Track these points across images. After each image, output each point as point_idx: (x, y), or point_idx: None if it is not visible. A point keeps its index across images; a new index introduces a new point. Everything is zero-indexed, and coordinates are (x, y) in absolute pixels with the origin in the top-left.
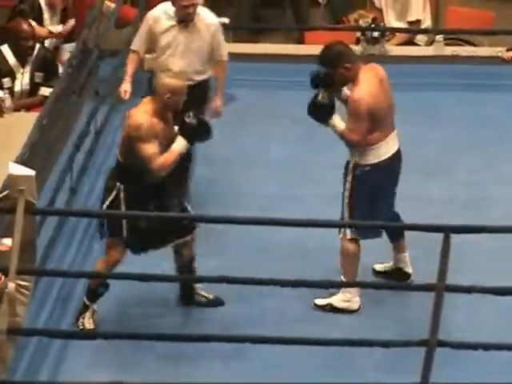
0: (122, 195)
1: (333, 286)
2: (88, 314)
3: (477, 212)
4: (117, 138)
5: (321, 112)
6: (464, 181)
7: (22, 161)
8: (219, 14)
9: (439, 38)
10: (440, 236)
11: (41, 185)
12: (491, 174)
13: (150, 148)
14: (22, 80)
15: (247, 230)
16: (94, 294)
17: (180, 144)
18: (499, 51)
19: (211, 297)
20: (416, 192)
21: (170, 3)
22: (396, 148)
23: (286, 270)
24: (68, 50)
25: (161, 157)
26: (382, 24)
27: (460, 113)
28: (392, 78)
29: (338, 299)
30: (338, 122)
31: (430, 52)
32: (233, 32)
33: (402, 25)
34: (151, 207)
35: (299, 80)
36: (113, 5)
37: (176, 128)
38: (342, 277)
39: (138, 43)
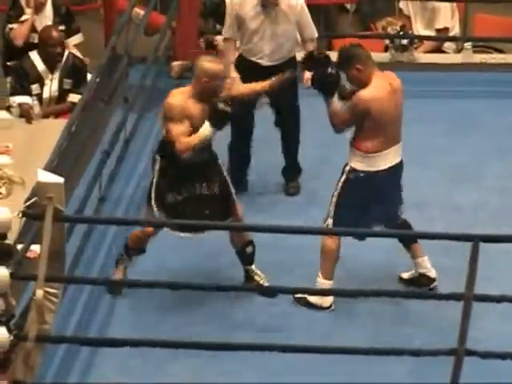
0: (156, 167)
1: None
2: (120, 267)
3: (507, 220)
4: (146, 146)
5: (327, 85)
6: (494, 188)
7: (50, 168)
8: None
9: (468, 45)
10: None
11: (69, 192)
12: None
13: (178, 128)
14: (51, 86)
15: None
16: (127, 253)
17: (206, 128)
18: None
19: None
20: (446, 200)
21: None
22: (396, 162)
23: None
24: None
25: (188, 138)
26: (411, 31)
27: (489, 120)
28: (420, 85)
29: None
30: (336, 101)
31: (458, 60)
32: None
33: (430, 32)
34: (183, 189)
35: None
36: (142, 12)
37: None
38: (319, 273)
39: (229, 30)
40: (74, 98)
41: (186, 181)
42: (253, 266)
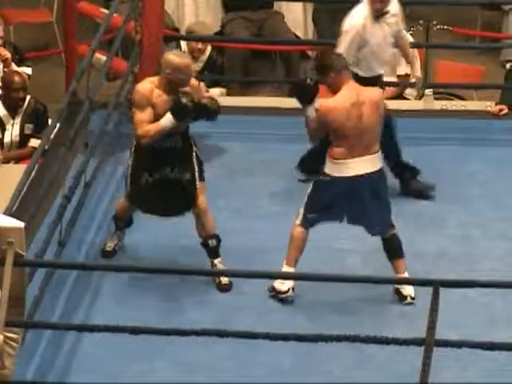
0: (132, 149)
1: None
2: (110, 238)
3: (466, 266)
4: (106, 191)
5: (303, 94)
6: (455, 235)
7: (10, 212)
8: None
9: (429, 92)
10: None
11: (30, 237)
12: (479, 229)
13: (140, 114)
14: (12, 131)
15: None
16: (115, 224)
17: (167, 118)
18: (488, 105)
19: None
20: (408, 246)
21: (360, 7)
22: (363, 172)
23: None
24: None
25: (147, 126)
26: None
27: (451, 167)
28: None
29: (277, 281)
30: (311, 110)
31: (419, 106)
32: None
33: (391, 78)
34: (154, 172)
35: (290, 133)
36: (103, 57)
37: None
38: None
39: (348, 55)
40: (35, 143)
41: (158, 164)
42: (217, 261)
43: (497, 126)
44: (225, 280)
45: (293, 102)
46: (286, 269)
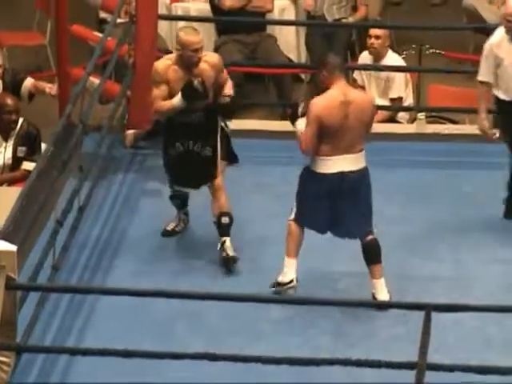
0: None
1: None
2: (174, 219)
3: (460, 290)
4: (100, 214)
5: (292, 113)
6: (447, 259)
7: (3, 236)
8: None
9: (421, 115)
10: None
11: (22, 261)
12: (473, 253)
13: (155, 90)
14: (5, 154)
15: None
16: (173, 204)
17: (177, 98)
18: None
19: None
20: (400, 269)
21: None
22: (347, 169)
23: None
24: None
25: (161, 102)
26: None
27: (443, 190)
28: (374, 155)
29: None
30: (301, 124)
31: (411, 130)
32: None
33: (384, 102)
34: (178, 144)
35: (283, 155)
36: (97, 80)
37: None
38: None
39: (486, 74)
40: (28, 165)
41: (182, 137)
42: (226, 239)
43: (489, 149)
44: (232, 252)
45: (285, 125)
46: (287, 260)
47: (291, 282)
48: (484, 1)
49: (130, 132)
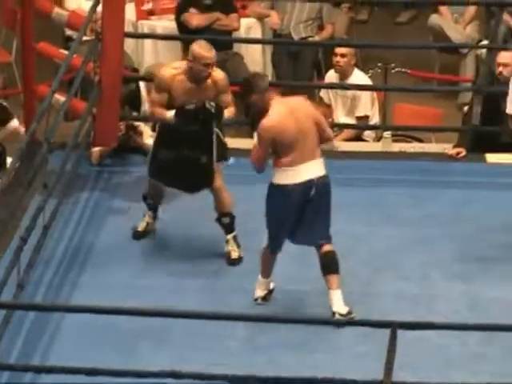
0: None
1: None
2: (142, 218)
3: (425, 308)
4: (65, 232)
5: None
6: (412, 277)
7: None
8: None
9: (387, 134)
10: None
11: None
12: (438, 271)
13: (154, 95)
14: None
15: None
16: (145, 203)
17: (170, 114)
18: (446, 148)
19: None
20: (365, 287)
21: None
22: (309, 177)
23: None
24: None
25: (157, 108)
26: (331, 119)
27: (408, 209)
28: (340, 173)
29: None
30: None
31: (377, 148)
32: None
33: (350, 120)
34: (173, 149)
35: (250, 174)
36: (62, 98)
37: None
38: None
39: None
40: None
41: (177, 144)
42: (230, 236)
43: (455, 168)
44: (234, 255)
45: (252, 143)
46: (261, 279)
47: (256, 300)
48: (450, 20)
49: (96, 149)
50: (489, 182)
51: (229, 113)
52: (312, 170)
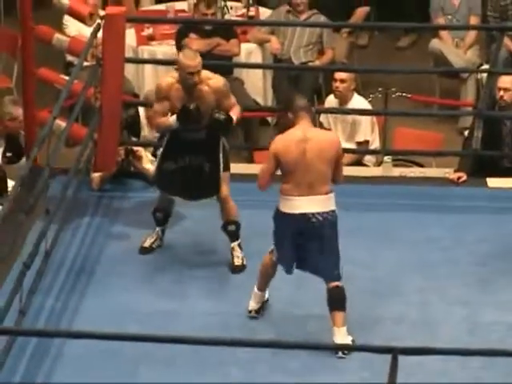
0: (166, 138)
1: None
2: (150, 234)
3: (426, 333)
4: (66, 258)
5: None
6: (413, 302)
7: None
8: None
9: (387, 158)
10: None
11: None
12: (438, 295)
13: (156, 105)
14: None
15: None
16: (154, 218)
17: (173, 119)
18: (447, 172)
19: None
20: (366, 312)
21: None
22: (305, 211)
23: None
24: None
25: (159, 118)
26: None
27: (409, 233)
28: (340, 197)
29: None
30: None
31: (378, 173)
32: None
33: (350, 145)
34: (179, 159)
35: (249, 199)
36: (63, 123)
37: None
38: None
39: None
40: None
41: (183, 153)
42: (235, 244)
43: (455, 192)
44: (238, 262)
45: (252, 168)
46: (256, 291)
47: (250, 312)
48: (450, 44)
49: (97, 175)
50: (490, 207)
51: (235, 114)
52: (308, 204)
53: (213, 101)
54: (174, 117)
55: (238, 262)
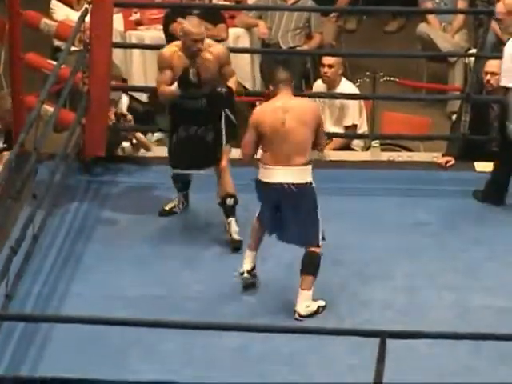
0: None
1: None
2: (173, 199)
3: (413, 317)
4: (54, 242)
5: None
6: (402, 286)
7: None
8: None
9: (375, 143)
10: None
11: None
12: (427, 280)
13: (159, 75)
14: None
15: None
16: (174, 184)
17: (174, 85)
18: (435, 157)
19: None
20: (353, 297)
21: None
22: (280, 181)
23: None
24: None
25: (162, 87)
26: None
27: (397, 218)
28: (328, 182)
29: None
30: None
31: (366, 157)
32: None
33: (338, 129)
34: (180, 130)
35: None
36: (51, 108)
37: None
38: None
39: None
40: None
41: (185, 123)
42: (231, 220)
43: (443, 176)
44: (236, 236)
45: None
46: (248, 252)
47: (242, 273)
48: (438, 29)
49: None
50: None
51: (233, 83)
52: (284, 175)
53: (215, 68)
54: (176, 84)
55: (236, 236)
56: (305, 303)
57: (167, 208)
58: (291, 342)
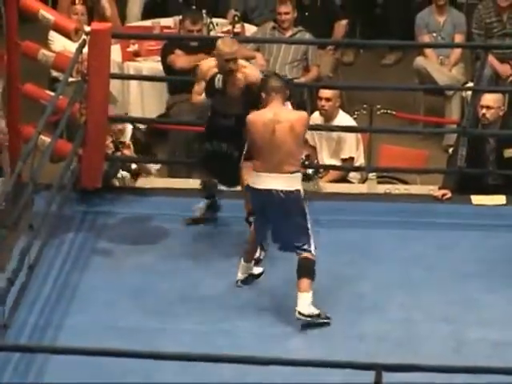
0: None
1: None
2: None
3: (409, 350)
4: (50, 273)
5: None
6: (397, 319)
7: None
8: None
9: (372, 175)
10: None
11: None
12: (423, 312)
13: (195, 86)
14: None
15: None
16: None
17: (203, 97)
18: (431, 189)
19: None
20: (349, 329)
21: None
22: (269, 187)
23: None
24: None
25: (195, 96)
26: (316, 161)
27: (393, 250)
28: (325, 214)
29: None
30: None
31: (363, 190)
32: (168, 168)
33: (335, 162)
34: (214, 143)
35: (231, 215)
36: (48, 139)
37: None
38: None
39: None
40: None
41: (216, 138)
42: None
43: (440, 210)
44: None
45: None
46: (242, 263)
47: (237, 282)
48: (435, 62)
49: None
50: (474, 224)
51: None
52: (273, 182)
53: (242, 85)
54: (204, 94)
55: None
56: (307, 304)
57: (195, 215)
58: (286, 373)
